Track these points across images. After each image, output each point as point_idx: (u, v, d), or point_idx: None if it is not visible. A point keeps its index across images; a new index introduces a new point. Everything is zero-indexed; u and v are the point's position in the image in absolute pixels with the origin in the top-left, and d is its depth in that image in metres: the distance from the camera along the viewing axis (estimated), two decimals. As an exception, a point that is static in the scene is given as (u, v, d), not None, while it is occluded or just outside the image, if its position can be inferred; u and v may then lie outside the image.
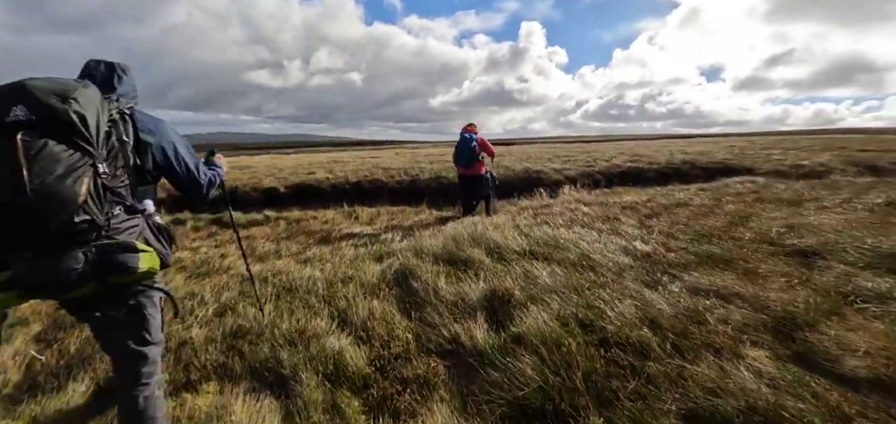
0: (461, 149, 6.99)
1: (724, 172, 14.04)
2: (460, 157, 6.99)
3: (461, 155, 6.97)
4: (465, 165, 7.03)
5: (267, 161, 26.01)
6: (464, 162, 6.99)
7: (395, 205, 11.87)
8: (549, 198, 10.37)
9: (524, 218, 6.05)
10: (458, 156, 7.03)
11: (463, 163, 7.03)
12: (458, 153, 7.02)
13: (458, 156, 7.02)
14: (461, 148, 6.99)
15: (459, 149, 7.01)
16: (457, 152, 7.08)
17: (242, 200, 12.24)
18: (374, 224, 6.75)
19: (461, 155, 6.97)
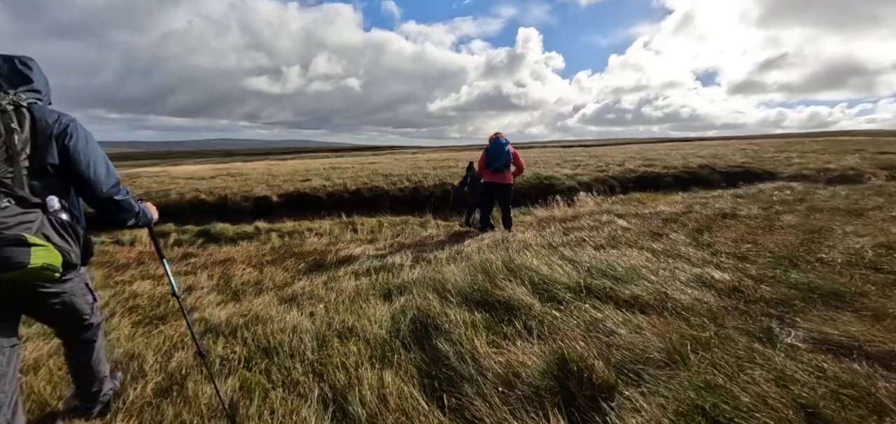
0: (495, 153, 6.23)
1: (744, 177, 13.23)
2: (493, 161, 6.23)
3: (495, 158, 6.21)
4: (498, 170, 6.28)
5: (262, 167, 25.07)
6: (496, 166, 6.24)
7: (397, 214, 10.99)
8: (567, 207, 9.51)
9: (554, 234, 5.16)
10: (491, 160, 6.26)
11: (495, 168, 6.27)
12: (491, 157, 6.25)
13: (491, 159, 6.25)
14: (495, 151, 6.24)
15: (492, 152, 6.25)
16: (488, 156, 6.30)
17: (232, 211, 11.31)
18: (377, 240, 5.85)
19: (495, 158, 6.21)
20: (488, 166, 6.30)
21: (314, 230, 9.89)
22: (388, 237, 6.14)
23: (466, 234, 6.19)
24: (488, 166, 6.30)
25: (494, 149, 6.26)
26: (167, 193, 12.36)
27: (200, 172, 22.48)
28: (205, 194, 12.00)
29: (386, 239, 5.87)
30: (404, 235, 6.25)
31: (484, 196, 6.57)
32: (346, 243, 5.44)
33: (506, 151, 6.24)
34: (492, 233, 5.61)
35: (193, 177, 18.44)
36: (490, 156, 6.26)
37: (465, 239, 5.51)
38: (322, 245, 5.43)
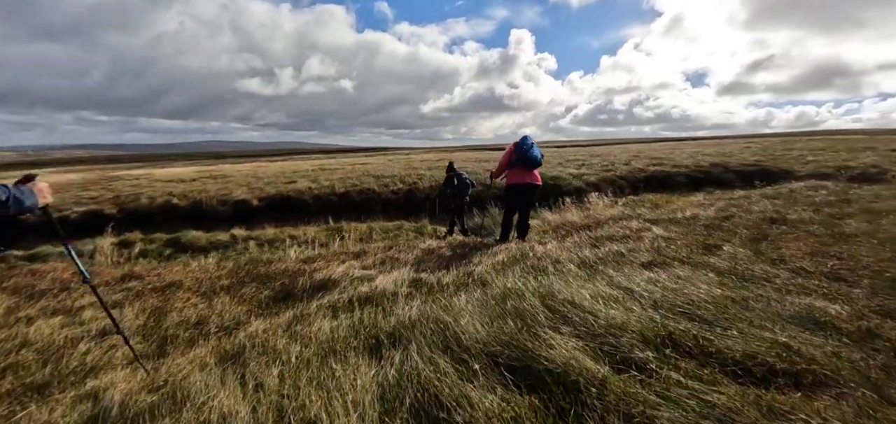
0: (526, 150, 5.32)
1: (760, 175, 12.42)
2: (525, 160, 5.33)
3: (527, 155, 5.30)
4: (528, 168, 5.39)
5: (247, 169, 23.94)
6: (529, 161, 5.33)
7: (390, 218, 10.02)
8: (579, 210, 8.59)
9: (581, 246, 4.23)
10: (521, 159, 5.35)
11: (525, 165, 5.37)
12: (522, 155, 5.33)
13: (522, 158, 5.34)
14: (525, 148, 5.33)
15: (523, 149, 5.34)
16: (518, 153, 5.37)
17: (208, 216, 10.25)
18: (366, 253, 4.86)
19: (527, 155, 5.30)
20: (517, 163, 5.38)
21: (297, 238, 8.88)
22: (378, 249, 5.16)
23: (471, 245, 5.23)
24: (517, 163, 5.38)
25: (523, 146, 5.36)
26: (137, 197, 11.27)
27: (182, 174, 21.33)
28: (177, 198, 10.92)
29: (376, 253, 4.89)
30: (398, 246, 5.28)
31: (509, 200, 5.56)
32: (328, 259, 4.46)
33: (535, 147, 5.41)
34: (506, 245, 4.64)
35: (173, 180, 17.32)
36: (520, 152, 5.34)
37: (473, 253, 4.55)
38: (296, 262, 4.43)
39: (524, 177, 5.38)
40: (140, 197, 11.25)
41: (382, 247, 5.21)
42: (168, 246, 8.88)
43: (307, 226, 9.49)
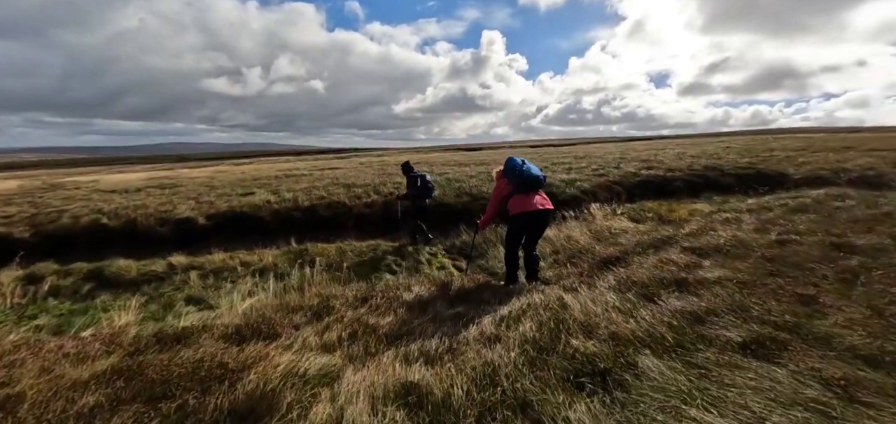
0: (521, 170, 4.34)
1: (757, 179, 11.80)
2: (525, 181, 4.31)
3: (526, 176, 4.31)
4: (535, 189, 4.37)
5: (207, 174, 21.86)
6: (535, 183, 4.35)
7: (364, 236, 8.66)
8: (587, 225, 7.49)
9: (631, 302, 3.06)
10: (521, 182, 4.32)
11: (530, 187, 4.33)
12: (520, 177, 4.32)
13: (521, 180, 4.32)
14: (519, 168, 4.36)
15: (518, 170, 4.35)
16: (514, 177, 4.36)
17: (143, 238, 8.57)
18: (330, 311, 3.51)
19: (526, 176, 4.31)
20: (518, 191, 4.31)
21: (251, 265, 7.40)
22: (348, 300, 3.83)
23: (472, 292, 3.99)
24: (518, 191, 4.31)
25: (516, 164, 4.34)
26: (59, 216, 9.42)
27: (130, 182, 19.16)
28: (108, 217, 9.17)
29: (344, 309, 3.57)
30: (375, 296, 3.97)
31: (515, 230, 4.43)
32: (270, 337, 3.10)
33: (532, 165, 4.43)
34: (524, 300, 3.42)
35: (115, 190, 15.30)
36: (517, 175, 4.30)
37: (480, 311, 3.32)
38: (219, 344, 3.06)
39: (533, 202, 4.27)
40: (62, 215, 9.41)
41: (353, 297, 3.89)
42: (88, 280, 7.21)
43: (265, 249, 8.00)
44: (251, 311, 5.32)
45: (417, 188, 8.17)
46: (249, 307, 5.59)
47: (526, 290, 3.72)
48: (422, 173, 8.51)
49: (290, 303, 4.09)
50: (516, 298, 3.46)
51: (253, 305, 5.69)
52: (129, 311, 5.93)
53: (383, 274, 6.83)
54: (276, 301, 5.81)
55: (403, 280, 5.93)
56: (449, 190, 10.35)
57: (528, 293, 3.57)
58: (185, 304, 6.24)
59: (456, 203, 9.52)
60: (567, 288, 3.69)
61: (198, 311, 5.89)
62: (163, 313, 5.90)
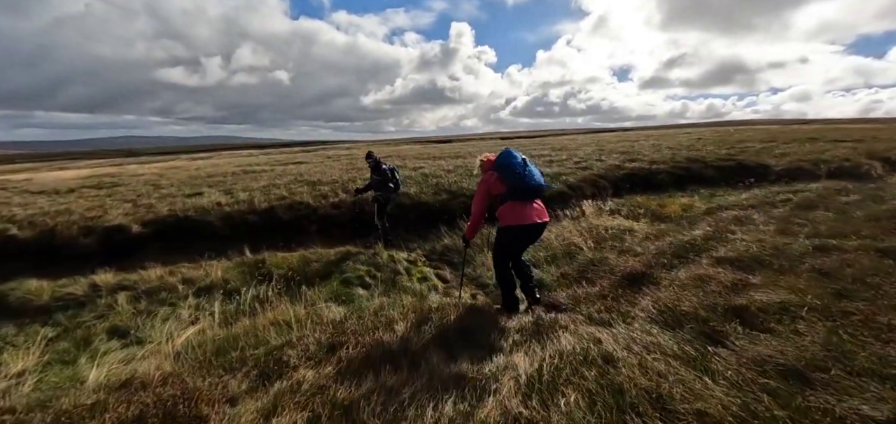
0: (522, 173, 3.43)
1: (739, 172, 11.54)
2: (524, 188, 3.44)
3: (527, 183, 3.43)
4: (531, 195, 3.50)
5: (155, 170, 19.87)
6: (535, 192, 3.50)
7: (331, 242, 7.61)
8: (580, 224, 6.74)
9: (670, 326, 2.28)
10: (519, 188, 3.43)
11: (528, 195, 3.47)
12: (519, 182, 3.42)
13: (519, 186, 3.43)
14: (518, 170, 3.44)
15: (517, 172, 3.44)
16: (510, 179, 3.45)
17: (64, 251, 7.15)
18: (282, 372, 2.53)
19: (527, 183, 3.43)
20: (512, 195, 3.44)
21: (195, 282, 6.22)
22: (311, 344, 2.86)
23: (471, 325, 3.11)
24: (512, 195, 3.44)
25: (515, 164, 3.43)
26: (-44, 227, 7.80)
27: (66, 180, 17.08)
28: (19, 226, 7.65)
29: (306, 356, 2.63)
30: (347, 323, 3.04)
31: (506, 244, 3.58)
32: (215, 383, 2.15)
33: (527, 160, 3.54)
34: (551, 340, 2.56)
35: (45, 190, 13.43)
36: (514, 176, 3.40)
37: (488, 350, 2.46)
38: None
39: (529, 214, 3.44)
40: (-40, 226, 7.79)
41: (316, 342, 2.91)
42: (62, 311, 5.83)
43: (214, 261, 6.82)
44: (187, 350, 4.27)
45: (388, 179, 7.27)
46: (186, 342, 4.51)
47: (543, 325, 2.88)
48: (393, 166, 7.60)
49: (230, 353, 3.07)
50: (536, 342, 2.61)
51: (191, 339, 4.61)
52: (30, 352, 4.70)
53: (355, 290, 5.86)
54: (220, 332, 4.77)
55: (381, 299, 5.00)
56: (426, 186, 9.43)
57: (549, 332, 2.72)
58: (108, 338, 5.04)
59: (434, 201, 8.61)
60: (596, 320, 2.88)
61: (121, 349, 4.72)
62: (76, 352, 4.70)
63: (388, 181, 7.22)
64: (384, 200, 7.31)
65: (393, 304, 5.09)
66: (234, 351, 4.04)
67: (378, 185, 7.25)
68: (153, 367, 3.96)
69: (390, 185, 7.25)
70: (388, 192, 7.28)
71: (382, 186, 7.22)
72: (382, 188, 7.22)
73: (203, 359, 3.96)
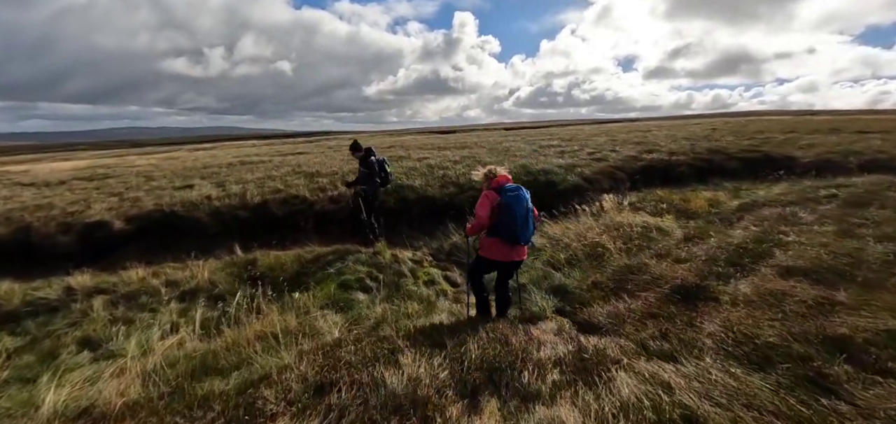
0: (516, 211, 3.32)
1: (765, 163, 10.84)
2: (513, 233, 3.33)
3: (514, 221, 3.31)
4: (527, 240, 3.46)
5: (152, 162, 19.30)
6: (527, 235, 3.42)
7: (328, 239, 7.02)
8: (601, 220, 6.09)
9: (756, 365, 1.66)
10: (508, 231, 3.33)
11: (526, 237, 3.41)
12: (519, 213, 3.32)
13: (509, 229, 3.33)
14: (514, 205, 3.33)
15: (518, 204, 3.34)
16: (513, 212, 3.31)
17: (41, 250, 6.60)
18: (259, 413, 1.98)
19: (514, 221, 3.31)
20: (499, 232, 3.37)
21: (180, 285, 5.66)
22: (291, 379, 2.27)
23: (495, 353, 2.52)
24: (499, 232, 3.37)
25: (513, 202, 3.33)
26: (-71, 222, 7.26)
27: (61, 172, 16.61)
28: (-7, 223, 7.11)
29: (283, 402, 2.05)
30: (341, 355, 2.45)
31: (480, 269, 3.67)
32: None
33: (530, 208, 3.44)
34: (613, 389, 1.98)
35: (36, 182, 12.96)
36: (516, 210, 3.30)
37: (521, 398, 1.88)
38: None
39: (508, 253, 3.42)
40: (-67, 221, 7.24)
41: (299, 378, 2.32)
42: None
43: (201, 261, 6.25)
44: (159, 369, 3.70)
45: (378, 172, 6.66)
46: (161, 358, 3.94)
47: (588, 357, 2.27)
48: (382, 158, 6.95)
49: (203, 379, 2.51)
50: (584, 384, 2.01)
51: (167, 354, 4.04)
52: (-12, 367, 4.16)
53: (355, 294, 5.27)
54: (200, 346, 4.20)
55: (383, 306, 4.43)
56: (432, 178, 8.81)
57: (598, 369, 2.12)
58: (78, 350, 4.49)
59: (441, 195, 8.01)
60: (653, 351, 2.28)
61: (90, 363, 4.16)
62: (39, 368, 4.14)
63: (375, 174, 6.58)
64: (371, 195, 6.68)
65: (397, 314, 4.53)
66: (211, 375, 3.48)
67: (364, 178, 6.61)
68: (117, 393, 3.40)
69: (377, 179, 6.62)
70: (375, 186, 6.64)
71: (369, 179, 6.59)
72: (368, 181, 6.59)
73: (175, 384, 3.41)
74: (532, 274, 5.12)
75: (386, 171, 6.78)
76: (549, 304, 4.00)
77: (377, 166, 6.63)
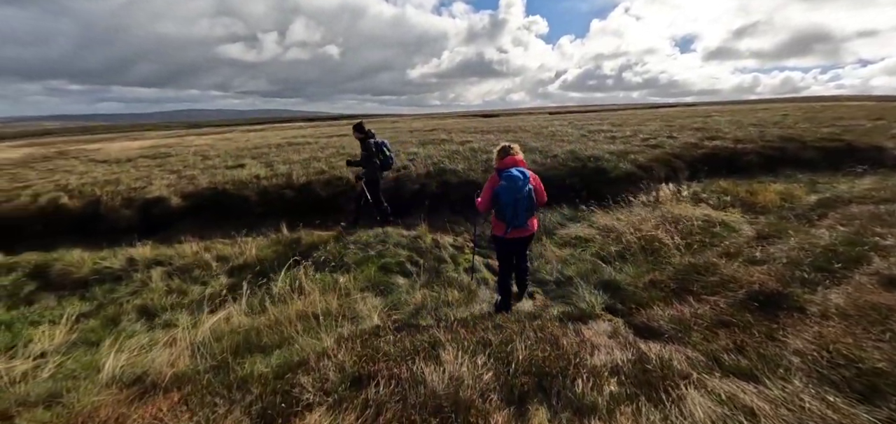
0: (513, 195, 3.61)
1: (849, 154, 9.68)
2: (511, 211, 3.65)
3: (513, 206, 3.63)
4: (522, 224, 3.74)
5: (207, 142, 20.40)
6: (520, 220, 3.69)
7: (370, 221, 7.05)
8: (657, 211, 5.62)
9: (864, 398, 1.32)
10: (505, 209, 3.66)
11: (519, 222, 3.70)
12: (507, 203, 3.64)
13: (506, 207, 3.65)
14: (511, 191, 3.61)
15: (508, 194, 3.63)
16: (501, 200, 3.67)
17: (105, 223, 7.10)
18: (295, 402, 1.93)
19: (513, 206, 3.63)
20: (502, 217, 3.74)
21: (229, 260, 5.87)
22: (329, 369, 2.20)
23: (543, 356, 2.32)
24: (502, 217, 3.74)
25: (510, 188, 3.59)
26: (17, 195, 8.01)
27: (130, 150, 17.89)
28: (69, 195, 7.71)
29: (320, 390, 1.97)
30: (379, 346, 2.35)
31: (501, 256, 4.16)
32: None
33: (527, 192, 3.61)
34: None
35: (108, 160, 14.03)
36: (504, 199, 3.63)
37: (579, 412, 1.68)
38: None
39: (505, 231, 3.78)
40: (20, 194, 7.99)
41: (341, 367, 2.24)
42: (34, 278, 5.81)
43: (248, 238, 6.46)
44: (207, 342, 3.82)
45: (380, 159, 6.57)
46: (209, 331, 4.08)
47: (651, 368, 2.02)
48: (382, 141, 6.82)
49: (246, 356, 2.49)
50: (646, 400, 1.77)
51: (214, 328, 4.17)
52: (58, 330, 4.49)
53: (394, 278, 5.22)
54: (245, 321, 4.30)
55: (422, 291, 4.33)
56: (475, 163, 8.60)
57: (663, 382, 1.87)
58: (137, 318, 4.75)
59: (484, 179, 7.74)
60: (728, 367, 1.98)
61: (146, 332, 4.38)
62: (101, 333, 4.42)
63: (373, 156, 6.47)
64: (371, 178, 6.60)
65: (437, 301, 4.42)
66: (253, 352, 3.54)
67: (364, 161, 6.52)
68: (167, 363, 3.55)
69: (376, 161, 6.50)
70: (374, 170, 6.54)
71: (367, 162, 6.49)
72: (367, 164, 6.50)
73: (220, 359, 3.50)
74: (580, 266, 4.82)
75: (385, 154, 6.68)
76: (599, 301, 3.72)
77: (375, 148, 6.54)
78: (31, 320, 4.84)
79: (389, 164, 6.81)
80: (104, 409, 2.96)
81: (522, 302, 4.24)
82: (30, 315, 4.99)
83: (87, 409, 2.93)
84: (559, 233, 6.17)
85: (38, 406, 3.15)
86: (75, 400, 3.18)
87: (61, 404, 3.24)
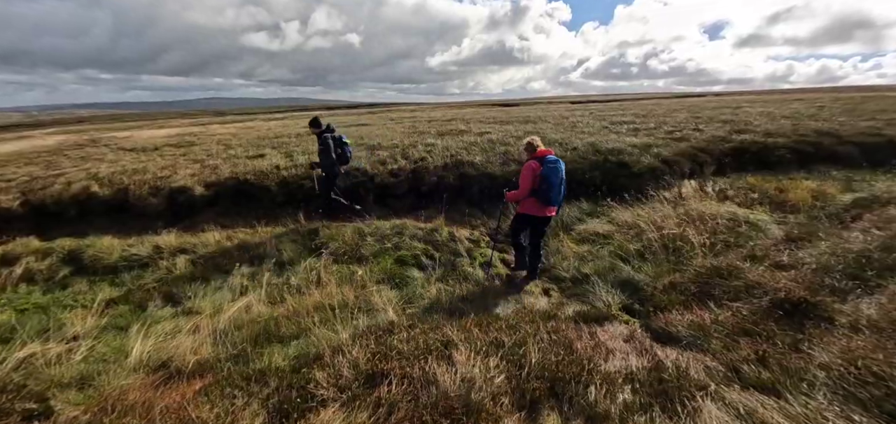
0: (558, 177, 4.32)
1: (890, 150, 9.18)
2: (548, 198, 4.32)
3: (551, 197, 4.33)
4: (558, 203, 4.54)
5: (230, 131, 20.83)
6: (558, 199, 4.45)
7: (387, 214, 7.08)
8: (681, 209, 5.47)
9: None
10: (546, 190, 4.29)
11: (557, 201, 4.47)
12: (546, 185, 4.27)
13: (545, 189, 4.29)
14: (551, 175, 4.28)
15: (548, 178, 4.27)
16: (542, 182, 4.28)
17: (134, 210, 7.36)
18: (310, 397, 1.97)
19: (551, 197, 4.33)
20: (539, 196, 4.31)
21: (250, 249, 6.01)
22: (343, 364, 2.25)
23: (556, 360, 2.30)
24: (539, 196, 4.31)
25: (556, 170, 4.28)
26: (51, 183, 8.38)
27: (156, 138, 18.43)
28: (100, 184, 8.02)
29: (334, 385, 2.01)
30: (392, 343, 2.37)
31: (520, 227, 4.79)
32: None
33: (564, 175, 4.43)
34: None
35: (136, 148, 14.49)
36: (551, 180, 4.25)
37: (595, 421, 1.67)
38: None
39: (542, 210, 4.42)
40: (54, 183, 8.36)
41: (356, 364, 2.28)
42: (67, 263, 6.09)
43: (269, 227, 6.61)
44: (229, 330, 3.95)
45: (336, 152, 6.56)
46: (230, 319, 4.21)
47: (666, 376, 1.98)
48: (340, 135, 6.80)
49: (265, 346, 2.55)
50: (661, 411, 1.74)
51: (235, 316, 4.30)
52: (92, 312, 4.71)
53: (410, 271, 5.25)
54: (265, 311, 4.42)
55: (437, 285, 4.34)
56: (493, 155, 8.52)
57: (679, 393, 1.83)
58: (163, 304, 4.94)
59: (502, 173, 7.71)
60: (747, 378, 1.93)
61: (171, 318, 4.56)
62: (130, 318, 4.61)
63: (331, 150, 6.45)
64: (329, 172, 6.60)
65: (451, 296, 4.45)
66: (272, 342, 3.64)
67: (320, 156, 6.53)
68: (191, 350, 3.68)
69: (333, 156, 6.48)
70: (332, 164, 6.52)
71: (324, 156, 6.48)
72: (324, 158, 6.50)
73: (241, 348, 3.61)
74: (597, 264, 4.75)
75: (343, 147, 6.67)
76: (616, 300, 3.67)
77: (333, 143, 6.53)
78: (64, 304, 5.09)
79: (348, 158, 6.82)
80: (132, 393, 3.11)
81: (537, 299, 4.22)
82: (63, 298, 5.25)
83: (116, 392, 3.08)
84: (577, 229, 6.08)
85: (72, 387, 3.33)
86: (105, 383, 3.34)
87: (93, 386, 3.41)
